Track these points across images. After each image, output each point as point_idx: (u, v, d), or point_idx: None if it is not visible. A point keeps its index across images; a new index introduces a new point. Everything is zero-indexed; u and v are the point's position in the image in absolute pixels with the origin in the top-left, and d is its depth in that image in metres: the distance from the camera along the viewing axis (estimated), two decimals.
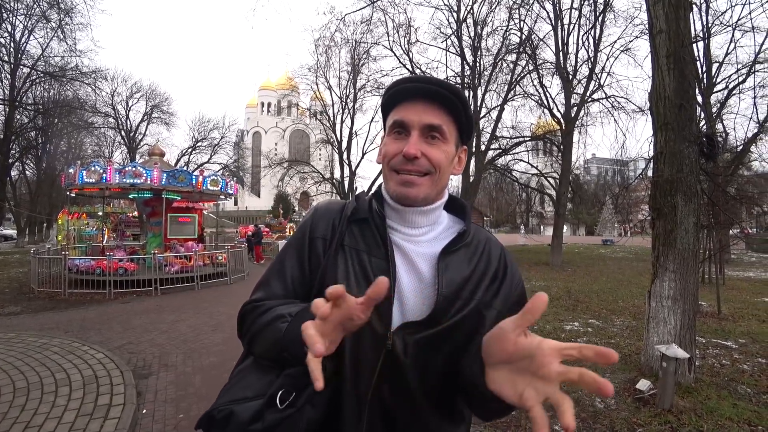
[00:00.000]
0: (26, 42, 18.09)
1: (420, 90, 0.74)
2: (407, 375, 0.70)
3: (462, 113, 0.76)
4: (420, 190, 0.75)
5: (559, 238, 15.99)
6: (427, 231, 0.80)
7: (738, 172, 10.99)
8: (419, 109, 0.74)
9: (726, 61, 10.74)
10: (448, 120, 0.75)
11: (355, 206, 0.82)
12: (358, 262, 0.76)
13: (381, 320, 0.70)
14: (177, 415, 3.32)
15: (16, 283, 10.03)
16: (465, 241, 0.78)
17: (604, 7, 14.55)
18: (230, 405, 0.66)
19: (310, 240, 0.80)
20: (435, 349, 0.71)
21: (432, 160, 0.74)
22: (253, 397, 0.66)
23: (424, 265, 0.76)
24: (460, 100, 0.75)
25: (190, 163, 28.64)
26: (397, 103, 0.77)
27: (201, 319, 6.58)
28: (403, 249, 0.77)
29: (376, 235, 0.77)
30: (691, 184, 3.81)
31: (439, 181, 0.77)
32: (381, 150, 0.80)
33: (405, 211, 0.78)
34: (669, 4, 3.82)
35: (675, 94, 3.82)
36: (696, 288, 3.94)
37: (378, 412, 0.70)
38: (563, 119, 15.90)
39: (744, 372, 4.17)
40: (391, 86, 0.78)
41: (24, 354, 4.51)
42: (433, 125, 0.74)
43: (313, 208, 0.88)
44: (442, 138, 0.75)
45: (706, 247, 8.50)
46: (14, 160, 20.95)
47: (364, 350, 0.70)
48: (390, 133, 0.77)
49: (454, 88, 0.75)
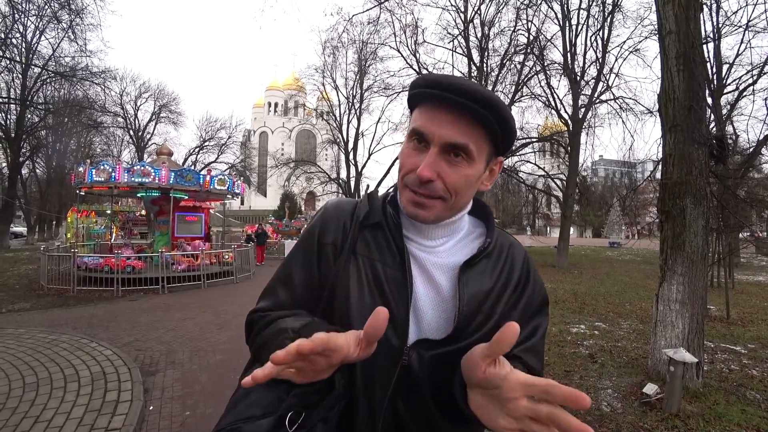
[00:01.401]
0: (37, 42, 18.31)
1: (446, 100, 0.63)
2: (423, 390, 0.67)
3: (498, 130, 0.65)
4: (431, 212, 0.68)
5: (566, 240, 15.89)
6: (446, 241, 0.75)
7: (748, 175, 10.84)
8: (444, 120, 0.64)
9: (737, 62, 10.63)
10: (479, 135, 0.65)
11: (368, 210, 0.76)
12: (372, 271, 0.71)
13: (397, 334, 0.67)
14: (184, 413, 3.35)
15: (26, 279, 10.17)
16: (487, 251, 0.73)
17: (613, 8, 14.44)
18: (239, 423, 0.62)
19: (320, 246, 0.76)
20: (452, 365, 0.67)
21: (448, 184, 0.66)
22: (261, 416, 0.62)
23: (442, 278, 0.71)
24: (497, 116, 0.63)
25: (198, 162, 28.92)
26: (420, 103, 0.68)
27: (207, 317, 6.62)
28: (419, 260, 0.72)
29: (391, 243, 0.72)
30: (701, 186, 3.77)
31: (456, 204, 0.70)
32: (400, 154, 0.72)
33: (421, 224, 0.73)
34: (679, 4, 3.78)
35: (684, 95, 3.78)
36: (704, 292, 3.90)
37: (392, 427, 0.68)
38: (570, 120, 15.81)
39: (753, 377, 4.12)
40: (414, 83, 0.69)
41: (33, 350, 4.58)
42: (455, 144, 0.64)
43: (321, 209, 0.82)
44: (467, 158, 0.65)
45: (715, 250, 8.40)
46: (25, 159, 21.20)
47: (379, 364, 0.67)
48: (410, 138, 0.68)
49: (490, 101, 0.62)
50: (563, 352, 4.85)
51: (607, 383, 3.91)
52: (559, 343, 5.20)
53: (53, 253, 9.63)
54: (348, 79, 23.32)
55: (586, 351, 4.91)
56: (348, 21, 16.37)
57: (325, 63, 22.40)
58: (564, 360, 4.59)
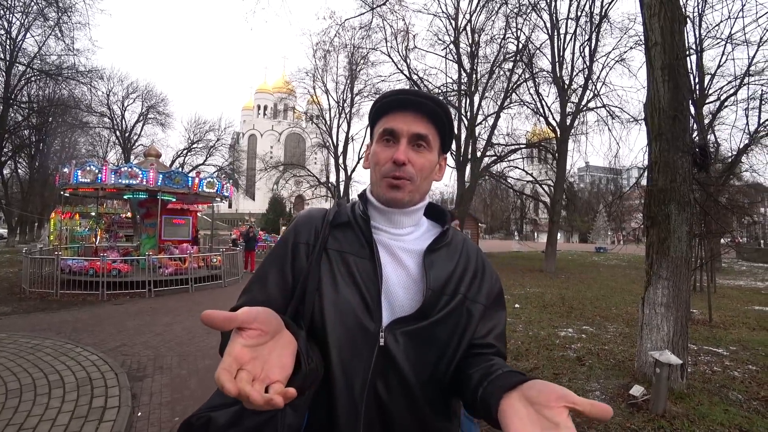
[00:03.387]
0: (23, 39, 17.97)
1: (410, 102, 0.80)
2: (401, 368, 0.72)
3: (446, 125, 0.82)
4: (405, 192, 0.80)
5: (553, 245, 16.11)
6: (411, 231, 0.85)
7: (729, 182, 11.15)
8: (408, 119, 0.79)
9: (718, 73, 10.96)
10: (433, 131, 0.81)
11: (337, 211, 0.86)
12: (344, 264, 0.78)
13: (372, 318, 0.73)
14: (173, 418, 3.30)
15: (6, 283, 9.89)
16: (446, 240, 0.84)
17: (600, 19, 14.76)
18: (208, 412, 0.66)
19: (293, 246, 0.82)
20: (425, 342, 0.74)
21: (416, 167, 0.79)
22: (231, 403, 0.66)
23: (410, 261, 0.80)
24: (446, 114, 0.81)
25: (186, 164, 28.48)
26: (387, 112, 0.82)
27: (195, 321, 6.52)
28: (389, 247, 0.81)
29: (360, 236, 0.81)
30: (685, 193, 3.88)
31: (422, 186, 0.82)
32: (369, 156, 0.85)
33: (390, 212, 0.83)
34: (665, 17, 3.91)
35: (669, 105, 3.90)
36: (688, 295, 4.00)
37: (374, 409, 0.71)
38: (558, 127, 16.07)
39: (735, 378, 4.23)
40: (383, 96, 0.83)
41: (16, 355, 4.46)
42: (420, 134, 0.79)
43: (294, 218, 0.92)
44: (428, 147, 0.81)
45: (697, 255, 8.62)
46: (7, 159, 20.72)
47: (356, 350, 0.72)
48: (379, 140, 0.82)
49: (441, 102, 0.81)
50: (552, 356, 4.91)
51: (595, 385, 3.98)
52: (547, 347, 5.27)
53: (36, 256, 9.38)
54: (338, 83, 23.43)
55: (574, 354, 4.98)
56: (340, 25, 16.40)
57: (316, 66, 22.50)
58: (553, 363, 4.65)
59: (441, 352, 0.75)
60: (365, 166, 0.87)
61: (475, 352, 0.78)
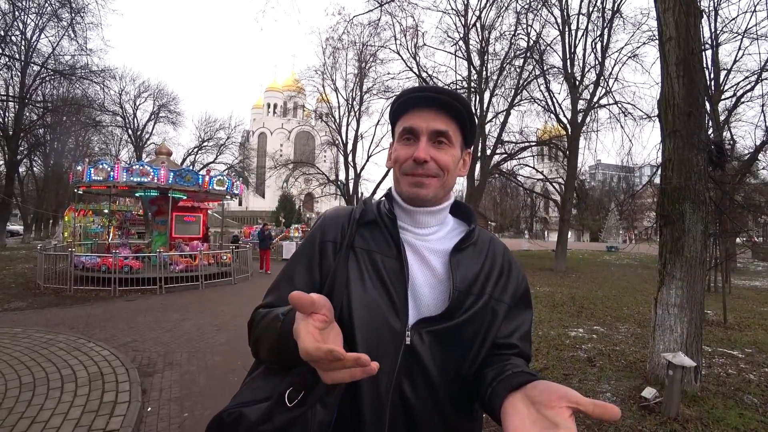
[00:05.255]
0: (37, 40, 18.25)
1: (428, 99, 0.79)
2: (427, 368, 0.72)
3: (466, 119, 0.81)
4: (429, 190, 0.79)
5: (564, 244, 15.91)
6: (436, 230, 0.84)
7: (745, 180, 10.90)
8: (427, 116, 0.79)
9: (734, 69, 10.72)
10: (454, 126, 0.80)
11: (363, 209, 0.85)
12: (371, 262, 0.78)
13: (399, 318, 0.73)
14: (182, 414, 3.34)
15: (22, 278, 10.11)
16: (472, 240, 0.83)
17: (613, 13, 14.51)
18: (239, 407, 0.66)
19: (320, 244, 0.82)
20: (451, 343, 0.74)
21: (440, 163, 0.79)
22: (262, 399, 0.66)
23: (436, 262, 0.80)
24: (465, 108, 0.80)
25: (196, 162, 28.82)
26: (406, 111, 0.81)
27: (205, 318, 6.60)
28: (414, 247, 0.81)
29: (386, 235, 0.80)
30: (699, 191, 3.79)
31: (447, 182, 0.82)
32: (391, 155, 0.85)
33: (415, 212, 0.82)
34: (679, 11, 3.81)
35: (684, 101, 3.81)
36: (702, 296, 3.91)
37: (399, 408, 0.71)
38: (569, 125, 15.85)
39: (750, 382, 4.14)
40: (400, 95, 0.83)
41: (30, 350, 4.55)
42: (440, 131, 0.79)
43: (321, 216, 0.91)
44: (449, 143, 0.80)
45: (712, 255, 8.44)
46: (22, 157, 21.12)
47: (383, 349, 0.71)
48: (400, 139, 0.82)
49: (459, 96, 0.81)
50: (562, 356, 4.85)
51: (606, 387, 3.92)
52: (557, 347, 5.21)
53: (50, 252, 9.58)
54: (348, 81, 23.36)
55: (585, 355, 4.92)
56: (349, 22, 16.38)
57: (325, 64, 22.42)
58: (563, 363, 4.59)
59: (465, 351, 0.75)
60: (388, 166, 0.87)
61: (496, 352, 0.78)
